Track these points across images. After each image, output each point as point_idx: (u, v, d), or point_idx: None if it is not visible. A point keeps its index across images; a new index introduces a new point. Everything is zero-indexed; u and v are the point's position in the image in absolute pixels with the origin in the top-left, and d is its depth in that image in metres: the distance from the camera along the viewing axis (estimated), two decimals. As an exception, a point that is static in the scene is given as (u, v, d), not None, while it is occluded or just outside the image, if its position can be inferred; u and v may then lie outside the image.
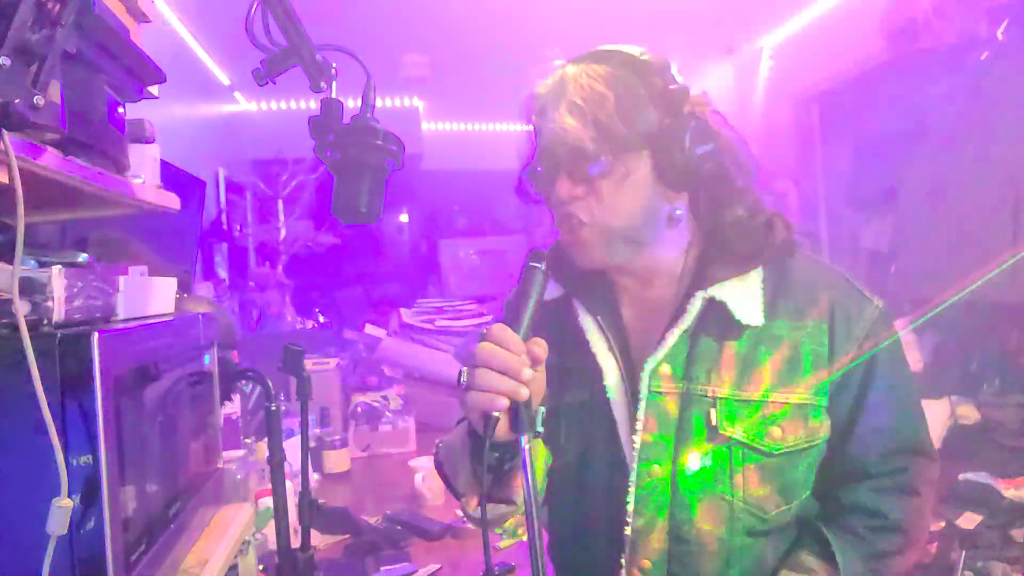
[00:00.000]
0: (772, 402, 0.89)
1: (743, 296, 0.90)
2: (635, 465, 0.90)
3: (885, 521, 0.91)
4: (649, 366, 0.91)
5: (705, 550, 0.89)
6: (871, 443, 0.93)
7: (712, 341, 0.91)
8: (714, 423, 0.88)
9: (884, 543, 0.91)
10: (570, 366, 0.94)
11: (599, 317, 0.96)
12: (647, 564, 0.91)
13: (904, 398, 0.95)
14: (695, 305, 0.91)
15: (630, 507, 0.91)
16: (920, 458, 0.95)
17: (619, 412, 0.93)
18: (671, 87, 0.89)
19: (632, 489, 0.90)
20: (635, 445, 0.91)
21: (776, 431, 0.88)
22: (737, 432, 0.88)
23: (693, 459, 0.89)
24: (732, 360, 0.90)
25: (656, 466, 0.90)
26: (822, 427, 0.91)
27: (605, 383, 0.94)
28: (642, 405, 0.91)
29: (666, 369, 0.91)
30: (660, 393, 0.91)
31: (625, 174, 0.88)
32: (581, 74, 0.88)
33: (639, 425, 0.91)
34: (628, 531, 0.91)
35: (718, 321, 0.90)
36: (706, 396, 0.89)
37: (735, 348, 0.90)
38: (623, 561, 0.92)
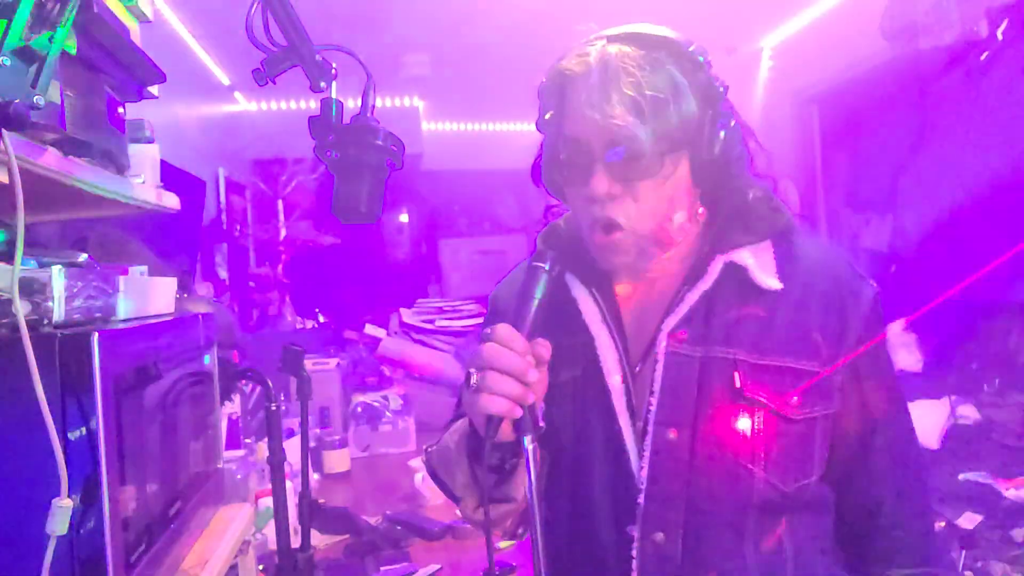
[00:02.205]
0: (791, 368, 0.87)
1: (759, 264, 0.90)
2: (651, 428, 0.86)
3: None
4: (667, 327, 0.89)
5: (721, 523, 0.85)
6: (892, 432, 0.93)
7: (732, 305, 0.89)
8: (738, 385, 0.86)
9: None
10: (563, 341, 0.90)
11: (592, 289, 0.95)
12: (660, 537, 0.85)
13: (895, 379, 0.97)
14: (716, 267, 0.89)
15: (644, 472, 0.85)
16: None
17: (614, 383, 0.90)
18: (715, 83, 0.86)
19: (647, 454, 0.86)
20: (651, 408, 0.87)
21: (795, 398, 0.87)
22: (761, 395, 0.86)
23: (715, 423, 0.86)
24: (751, 325, 0.88)
25: (673, 430, 0.86)
26: (833, 398, 0.90)
27: (598, 353, 0.91)
28: (659, 367, 0.88)
29: (683, 332, 0.89)
30: (679, 353, 0.88)
31: (666, 176, 0.86)
32: (628, 61, 0.82)
33: (656, 386, 0.87)
34: (641, 499, 0.85)
35: (736, 285, 0.89)
36: (728, 358, 0.87)
37: (754, 313, 0.89)
38: (635, 534, 0.86)
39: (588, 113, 0.83)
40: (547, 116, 0.92)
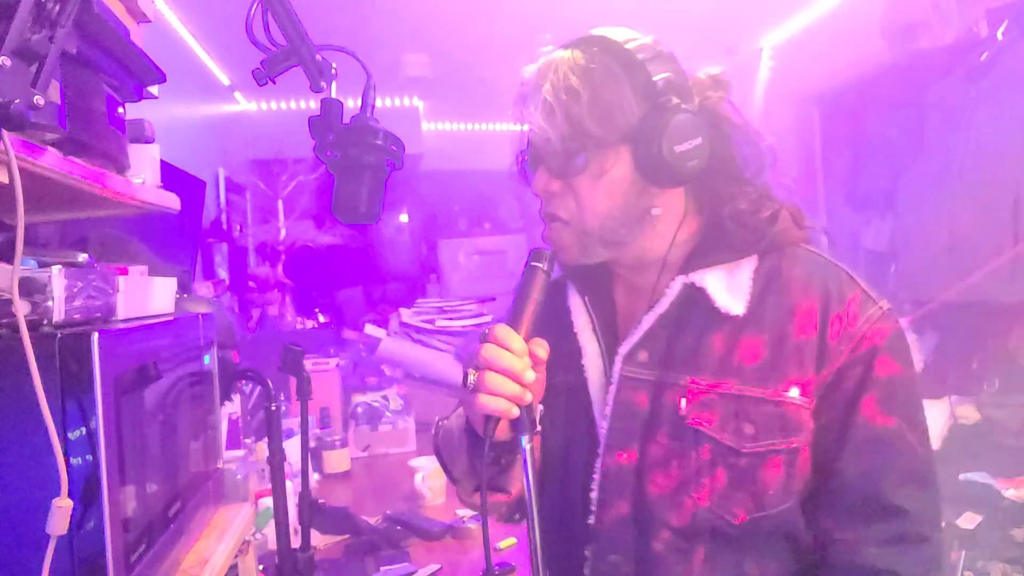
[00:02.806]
0: (748, 396, 0.82)
1: (729, 284, 0.86)
2: (601, 451, 0.87)
3: None
4: (623, 350, 0.89)
5: (673, 548, 0.84)
6: (867, 463, 0.83)
7: (693, 329, 0.86)
8: (682, 413, 0.83)
9: None
10: (560, 346, 0.90)
11: (587, 299, 0.95)
12: (613, 558, 0.86)
13: (914, 412, 0.85)
14: (673, 289, 0.87)
15: (594, 495, 0.87)
16: (925, 492, 0.84)
17: (596, 395, 0.90)
18: (655, 78, 0.83)
19: (597, 477, 0.87)
20: (602, 431, 0.88)
21: (748, 427, 0.82)
22: (705, 424, 0.82)
23: (658, 450, 0.84)
24: (711, 349, 0.85)
25: (622, 454, 0.86)
26: (802, 431, 0.82)
27: (584, 363, 0.92)
28: (612, 389, 0.88)
29: (643, 355, 0.88)
30: (632, 378, 0.87)
31: (600, 172, 0.84)
32: (561, 64, 0.84)
33: (608, 410, 0.88)
34: (592, 520, 0.87)
35: (700, 309, 0.86)
36: (678, 384, 0.85)
37: (716, 337, 0.85)
38: (588, 553, 0.87)
39: (525, 112, 0.87)
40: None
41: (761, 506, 0.82)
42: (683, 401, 0.84)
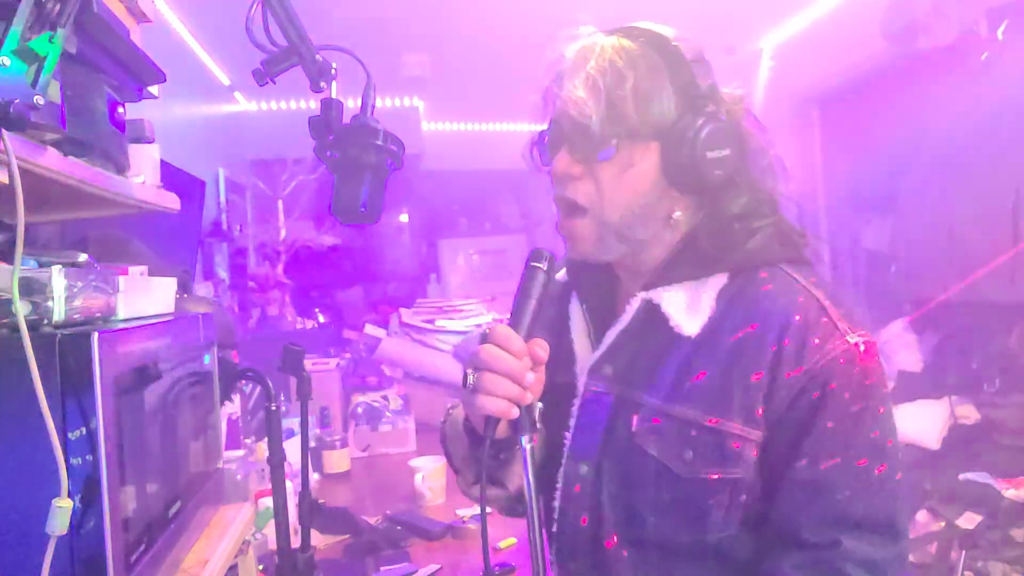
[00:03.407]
0: (692, 422, 0.80)
1: (689, 303, 0.84)
2: (563, 461, 0.88)
3: None
4: (588, 364, 0.89)
5: (625, 562, 0.85)
6: (802, 500, 0.78)
7: (653, 346, 0.86)
8: (633, 430, 0.84)
9: None
10: (560, 348, 0.92)
11: (586, 307, 0.95)
12: (572, 566, 0.88)
13: (863, 456, 0.78)
14: (633, 306, 0.87)
15: (556, 503, 0.88)
16: (868, 534, 0.77)
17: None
18: (698, 82, 0.83)
19: (560, 485, 0.88)
20: (566, 443, 0.89)
21: (688, 453, 0.80)
22: (651, 445, 0.82)
23: (614, 463, 0.85)
24: (667, 369, 0.84)
25: (584, 466, 0.87)
26: (742, 463, 0.79)
27: (575, 369, 0.92)
28: (576, 402, 0.89)
29: (608, 369, 0.88)
30: (596, 391, 0.88)
31: (629, 163, 0.82)
32: (608, 47, 0.81)
33: (572, 421, 0.89)
34: (555, 528, 0.89)
35: (661, 327, 0.85)
36: (633, 401, 0.85)
37: (673, 357, 0.84)
38: (553, 557, 0.90)
39: (560, 92, 0.83)
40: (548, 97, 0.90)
41: (703, 530, 0.81)
42: (635, 419, 0.84)
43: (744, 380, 0.80)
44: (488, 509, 0.85)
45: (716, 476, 0.80)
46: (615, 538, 0.85)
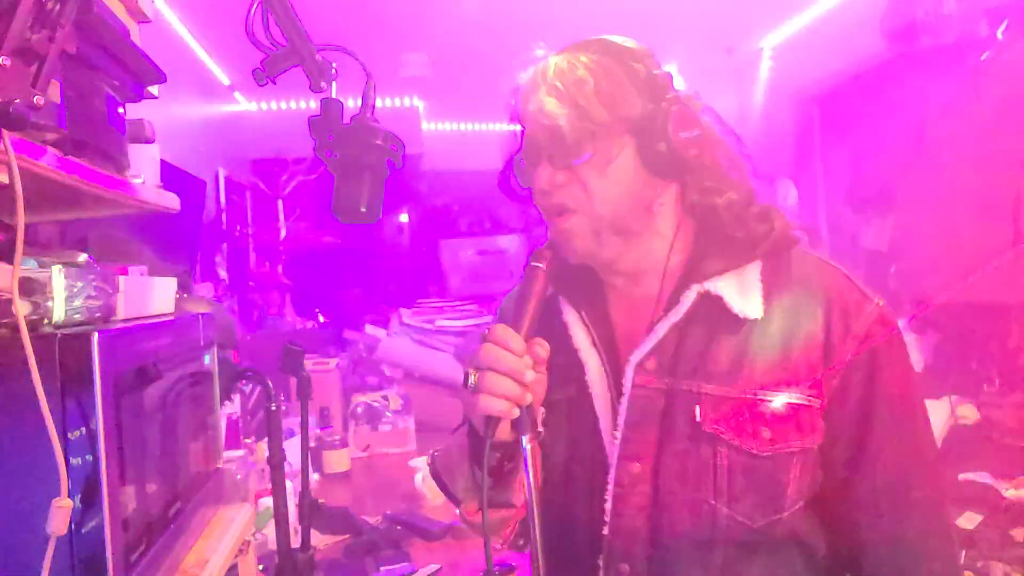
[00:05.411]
0: (762, 400, 0.84)
1: (741, 290, 0.87)
2: (614, 461, 0.87)
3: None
4: (635, 359, 0.88)
5: (687, 558, 0.84)
6: (881, 465, 0.87)
7: (704, 335, 0.87)
8: (698, 419, 0.84)
9: None
10: (558, 360, 0.90)
11: (583, 312, 0.94)
12: (626, 569, 0.86)
13: (911, 409, 0.89)
14: (688, 298, 0.87)
15: (608, 505, 0.87)
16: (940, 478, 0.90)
17: (601, 408, 0.90)
18: (654, 72, 0.87)
19: (611, 487, 0.87)
20: (616, 440, 0.87)
21: (765, 431, 0.83)
22: (722, 430, 0.84)
23: (675, 457, 0.85)
24: (723, 355, 0.86)
25: (636, 464, 0.86)
26: (815, 430, 0.85)
27: (588, 378, 0.91)
28: (625, 399, 0.88)
29: (652, 363, 0.88)
30: (644, 387, 0.88)
31: (607, 160, 0.85)
32: (562, 61, 0.87)
33: (620, 420, 0.88)
34: (606, 531, 0.87)
35: (712, 315, 0.87)
36: (692, 391, 0.85)
37: (727, 343, 0.86)
38: (600, 563, 0.87)
39: (528, 110, 0.88)
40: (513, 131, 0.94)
41: (778, 508, 0.84)
42: (698, 408, 0.85)
43: (802, 353, 0.85)
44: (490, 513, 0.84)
45: (793, 448, 0.84)
46: (678, 534, 0.84)
